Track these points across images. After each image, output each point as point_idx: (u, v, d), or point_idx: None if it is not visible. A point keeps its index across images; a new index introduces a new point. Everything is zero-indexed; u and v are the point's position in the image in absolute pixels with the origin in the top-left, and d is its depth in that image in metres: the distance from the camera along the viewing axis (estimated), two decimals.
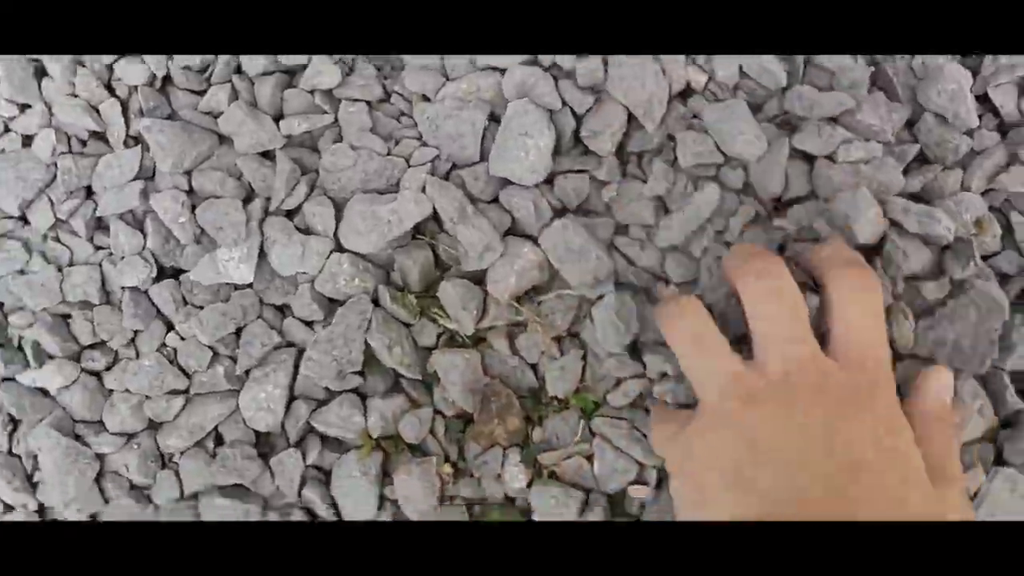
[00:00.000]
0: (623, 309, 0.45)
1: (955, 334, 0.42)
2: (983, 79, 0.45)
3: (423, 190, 0.46)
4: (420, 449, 0.48)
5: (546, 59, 0.48)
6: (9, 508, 0.50)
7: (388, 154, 0.48)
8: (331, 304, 0.48)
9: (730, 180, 0.46)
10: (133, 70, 0.50)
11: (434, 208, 0.46)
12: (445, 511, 0.47)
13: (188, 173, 0.49)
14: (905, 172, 0.45)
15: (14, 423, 0.50)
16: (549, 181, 0.48)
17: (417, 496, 0.47)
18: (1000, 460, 0.41)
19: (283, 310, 0.49)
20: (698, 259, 0.45)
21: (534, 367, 0.48)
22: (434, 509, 0.47)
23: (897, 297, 0.43)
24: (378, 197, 0.47)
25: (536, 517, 0.46)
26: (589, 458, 0.47)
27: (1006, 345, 0.42)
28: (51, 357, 0.50)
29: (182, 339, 0.49)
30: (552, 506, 0.46)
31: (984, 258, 0.44)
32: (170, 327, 0.49)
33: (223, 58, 0.50)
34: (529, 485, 0.47)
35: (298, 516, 0.48)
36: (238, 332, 0.49)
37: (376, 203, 0.46)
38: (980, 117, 0.46)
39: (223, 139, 0.50)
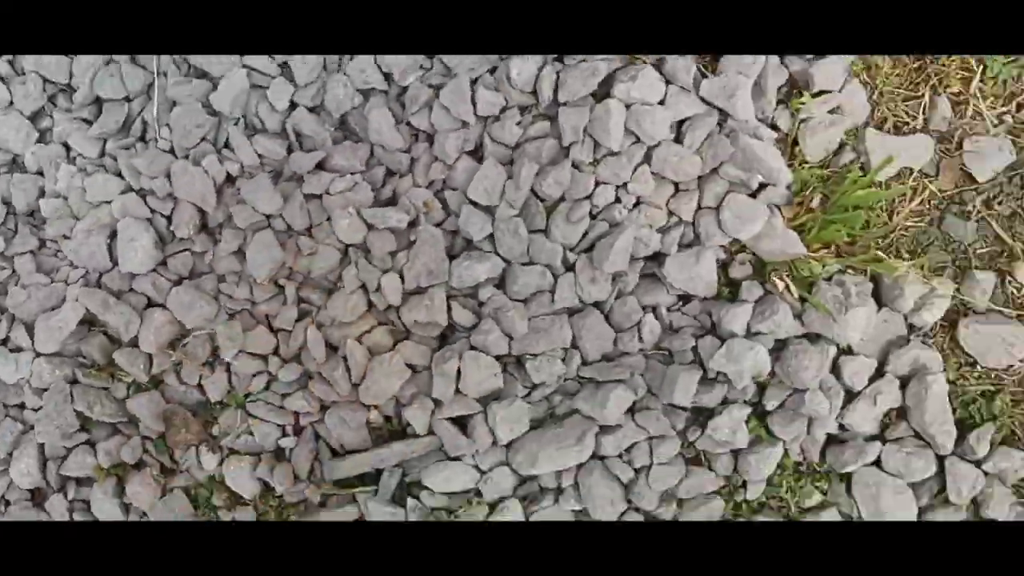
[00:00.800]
0: (233, 333, 0.68)
1: (423, 263, 0.65)
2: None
3: (77, 299, 0.68)
4: (144, 465, 0.71)
5: (146, 185, 0.70)
6: None
7: (52, 282, 0.70)
8: (46, 393, 0.69)
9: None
10: None
11: (87, 308, 0.68)
12: (169, 499, 0.70)
13: None
14: (383, 186, 0.68)
15: None
16: (166, 264, 0.70)
17: (144, 497, 0.69)
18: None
19: (22, 406, 0.71)
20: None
21: (200, 387, 0.70)
22: (159, 501, 0.69)
23: (385, 270, 0.66)
24: (52, 313, 0.69)
25: (228, 482, 0.69)
26: (252, 432, 0.69)
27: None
28: None
29: None
30: (237, 471, 0.68)
31: (437, 224, 0.67)
32: None
33: None
34: (220, 463, 0.70)
35: None
36: None
37: (51, 318, 0.68)
38: (416, 136, 0.69)
39: None
